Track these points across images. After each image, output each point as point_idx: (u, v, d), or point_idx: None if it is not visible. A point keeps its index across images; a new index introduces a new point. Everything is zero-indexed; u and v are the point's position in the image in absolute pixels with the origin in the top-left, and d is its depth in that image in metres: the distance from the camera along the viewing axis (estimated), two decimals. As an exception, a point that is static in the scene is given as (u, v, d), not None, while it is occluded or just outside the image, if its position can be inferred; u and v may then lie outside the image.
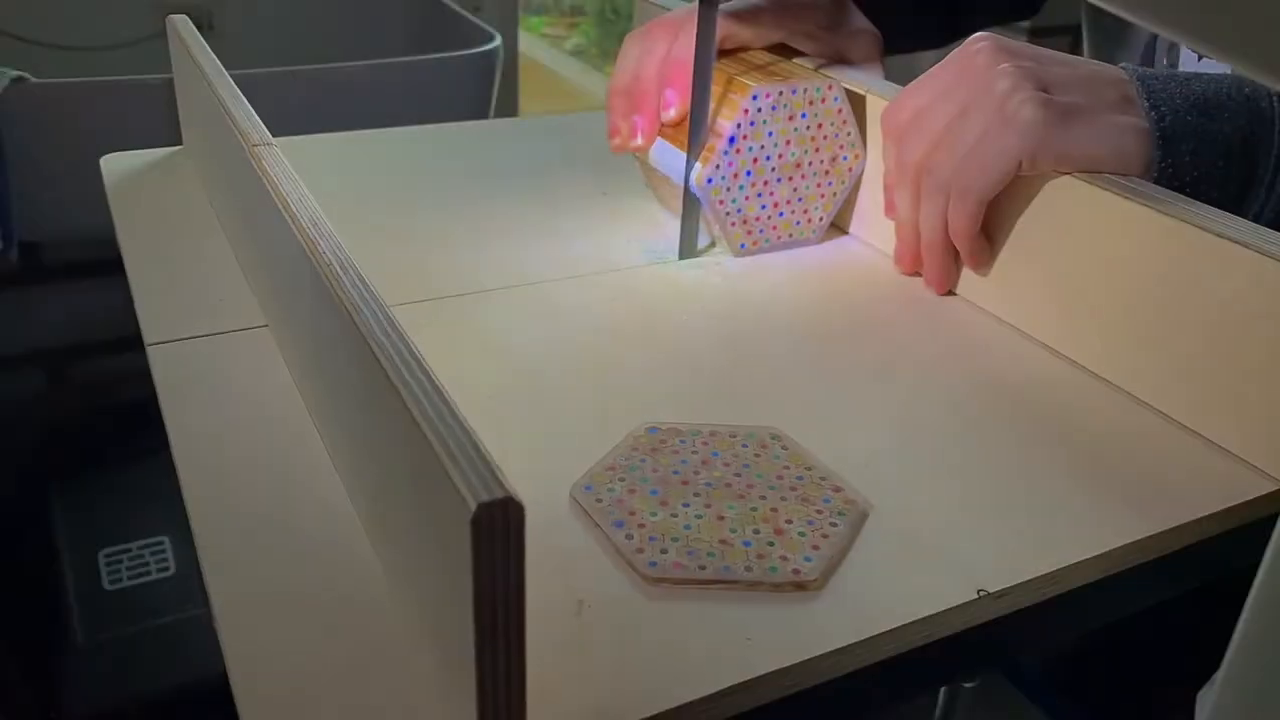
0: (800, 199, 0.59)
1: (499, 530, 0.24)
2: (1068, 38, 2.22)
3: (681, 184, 0.57)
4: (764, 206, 0.58)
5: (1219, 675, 0.26)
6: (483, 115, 1.12)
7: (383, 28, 1.43)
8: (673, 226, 0.61)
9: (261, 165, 0.43)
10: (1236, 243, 0.41)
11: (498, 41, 1.10)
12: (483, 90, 1.10)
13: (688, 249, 0.58)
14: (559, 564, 0.35)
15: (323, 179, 0.65)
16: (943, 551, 0.37)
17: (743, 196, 0.57)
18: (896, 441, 0.43)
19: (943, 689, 0.57)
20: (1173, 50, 0.62)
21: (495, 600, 0.25)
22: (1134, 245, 0.46)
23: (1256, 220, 0.48)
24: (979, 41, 0.50)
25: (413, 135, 0.73)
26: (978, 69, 0.49)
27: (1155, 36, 0.63)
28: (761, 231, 0.59)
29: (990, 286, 0.53)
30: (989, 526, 0.38)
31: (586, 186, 0.66)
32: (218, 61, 0.56)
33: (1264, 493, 0.41)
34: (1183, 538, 0.39)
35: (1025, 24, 2.11)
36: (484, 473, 0.25)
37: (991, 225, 0.52)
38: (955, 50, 0.51)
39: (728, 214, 0.57)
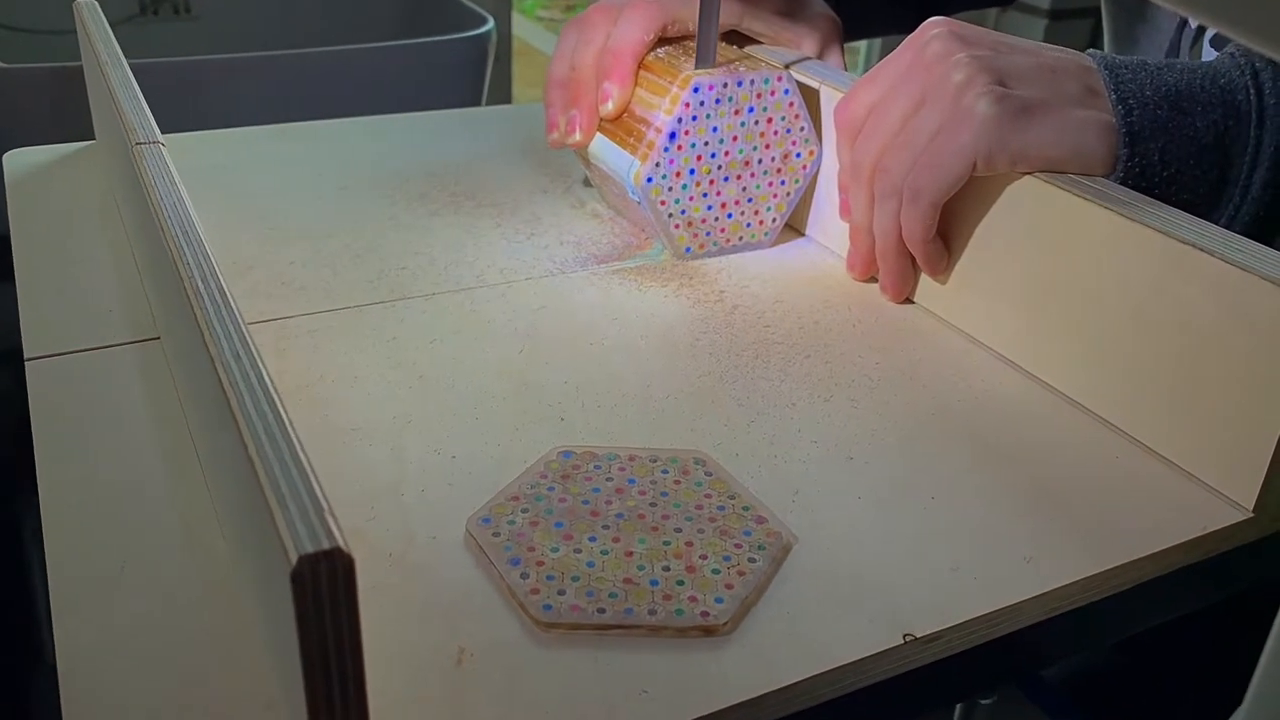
0: (750, 199, 0.57)
1: (325, 587, 0.23)
2: (1089, 20, 2.20)
3: (623, 182, 0.55)
4: (710, 207, 0.56)
5: (1246, 699, 0.25)
6: (475, 102, 1.11)
7: (369, 10, 1.41)
8: (618, 227, 0.60)
9: (141, 165, 0.41)
10: (1201, 250, 0.40)
11: (490, 25, 1.08)
12: (475, 76, 1.08)
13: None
14: (444, 608, 0.33)
15: (252, 175, 0.63)
16: (870, 590, 0.35)
17: (686, 196, 0.55)
18: (832, 467, 0.41)
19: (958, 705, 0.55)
20: (1197, 43, 0.61)
21: (327, 662, 0.23)
22: (1095, 251, 0.44)
23: (1230, 223, 0.47)
24: (933, 28, 0.48)
25: (358, 126, 0.72)
26: (931, 59, 0.47)
27: (1182, 18, 0.61)
28: (708, 234, 0.57)
29: (947, 294, 0.52)
30: (924, 562, 0.37)
31: (540, 180, 0.65)
32: (118, 49, 0.54)
33: (1231, 523, 0.40)
34: (1139, 573, 0.38)
35: (1045, 4, 2.10)
36: (313, 520, 0.23)
37: (949, 228, 0.50)
38: (909, 38, 0.50)
39: (670, 215, 0.56)
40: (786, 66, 0.57)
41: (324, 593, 0.23)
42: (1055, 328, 0.46)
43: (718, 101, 0.54)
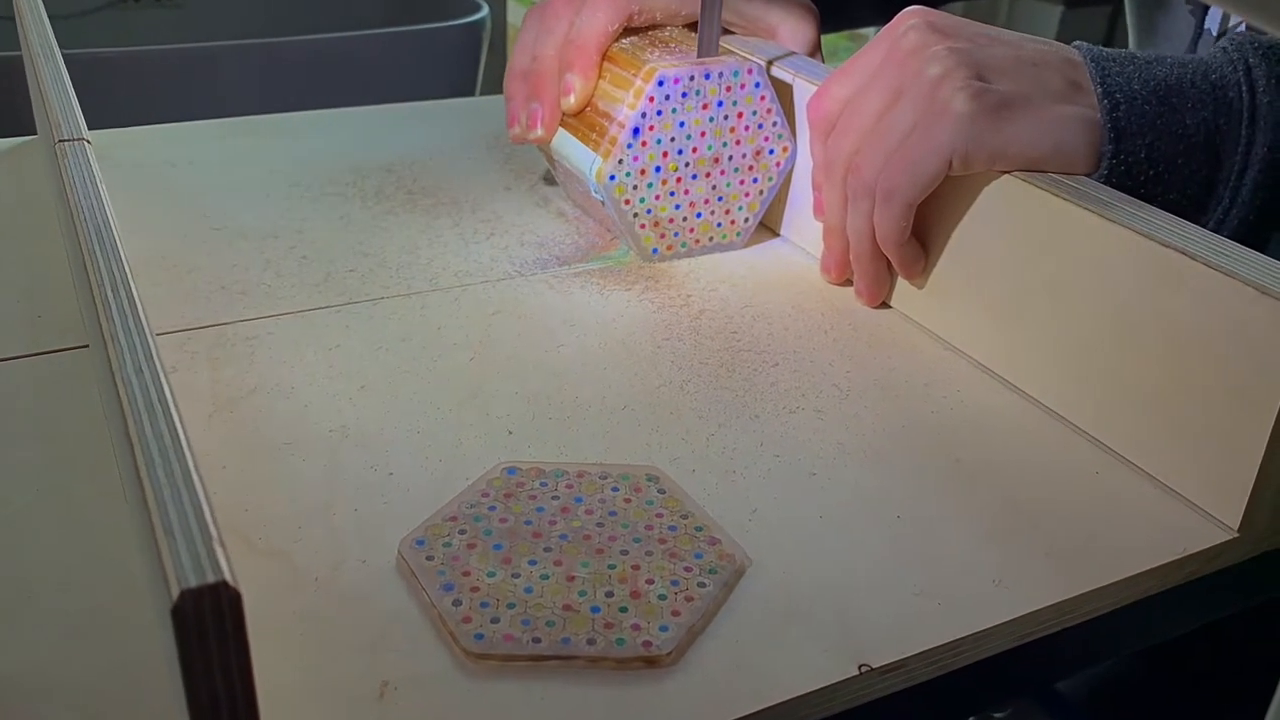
0: (721, 198, 0.56)
1: (210, 623, 0.22)
2: (1105, 9, 2.19)
3: (586, 179, 0.55)
4: (678, 206, 0.56)
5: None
6: (469, 91, 1.10)
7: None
8: (583, 226, 0.59)
9: (63, 164, 0.41)
10: (1185, 254, 0.39)
11: (485, 11, 1.08)
12: (468, 64, 1.08)
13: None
14: (369, 637, 0.33)
15: (203, 171, 0.62)
16: (827, 616, 0.34)
17: (652, 195, 0.55)
18: (794, 483, 0.40)
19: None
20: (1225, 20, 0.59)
21: (216, 704, 0.22)
22: (1075, 254, 0.43)
23: (1219, 226, 0.46)
24: (909, 19, 0.48)
25: (317, 120, 0.71)
26: (907, 51, 0.47)
27: (1201, 7, 0.60)
28: (676, 234, 0.56)
29: (923, 298, 0.51)
30: (886, 586, 0.36)
31: (504, 177, 0.64)
32: (52, 40, 0.53)
33: (1215, 543, 0.39)
34: (1116, 598, 0.37)
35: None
36: (200, 550, 0.22)
37: (926, 229, 0.49)
38: (884, 29, 0.49)
39: (635, 215, 0.55)
40: (758, 58, 0.56)
41: (209, 629, 0.22)
42: (1034, 335, 0.46)
43: (684, 95, 0.53)
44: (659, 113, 0.53)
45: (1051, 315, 0.45)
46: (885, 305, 0.53)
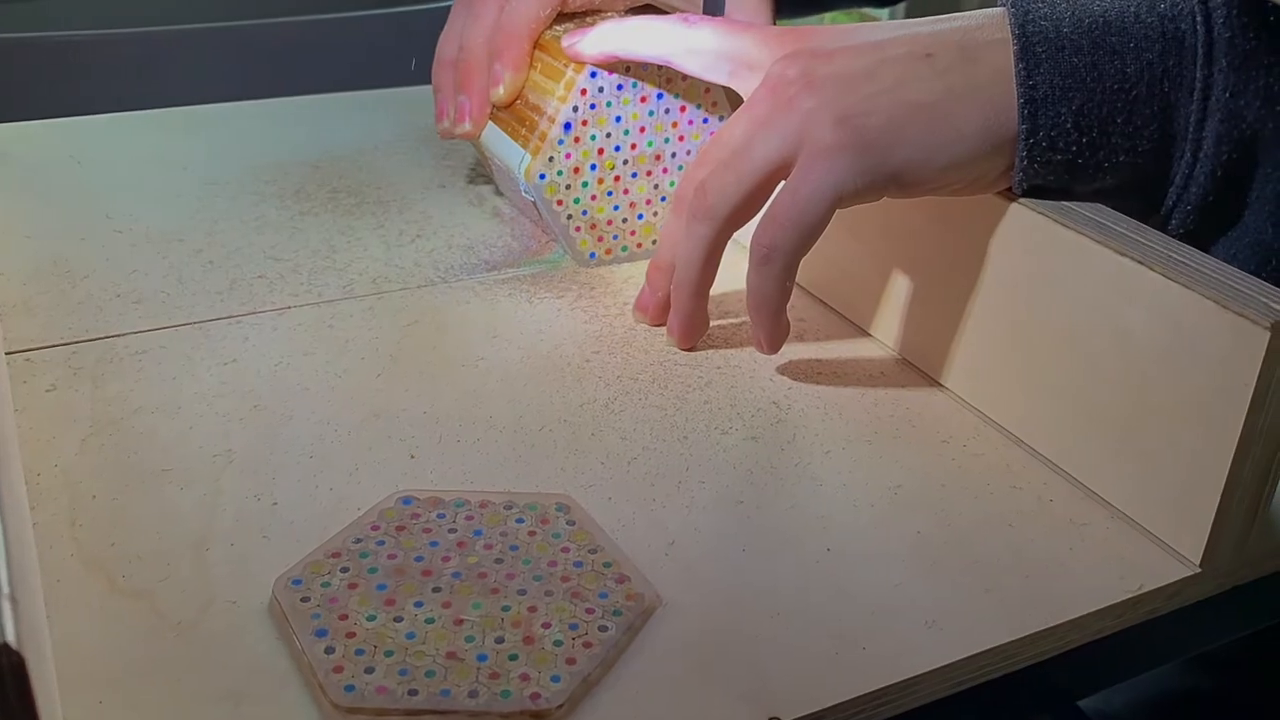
0: (665, 198, 0.55)
1: (-15, 692, 0.20)
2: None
3: (516, 178, 0.53)
4: (617, 207, 0.54)
5: None
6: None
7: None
8: (519, 228, 0.58)
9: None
10: (1139, 262, 0.38)
11: None
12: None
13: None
14: (229, 688, 0.31)
15: (112, 168, 0.61)
16: (739, 663, 0.33)
17: (588, 195, 0.53)
18: (719, 512, 0.39)
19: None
20: None
21: (0, 781, 0.21)
22: (1024, 263, 0.42)
23: (1184, 191, 0.42)
24: (788, 48, 0.45)
25: (242, 111, 0.70)
26: (775, 83, 0.43)
27: None
28: (615, 238, 0.55)
29: (866, 306, 0.49)
30: (808, 627, 0.34)
31: (438, 174, 0.62)
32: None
33: (1174, 579, 0.37)
34: (1063, 641, 0.36)
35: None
36: (-19, 610, 0.21)
37: (862, 242, 0.48)
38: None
39: (569, 217, 0.53)
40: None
41: (-14, 700, 0.21)
42: (981, 347, 0.44)
43: (619, 88, 0.52)
44: (592, 106, 0.51)
45: (1000, 326, 0.43)
46: (838, 313, 0.51)
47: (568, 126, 0.51)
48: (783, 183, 0.42)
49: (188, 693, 0.31)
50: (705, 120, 0.54)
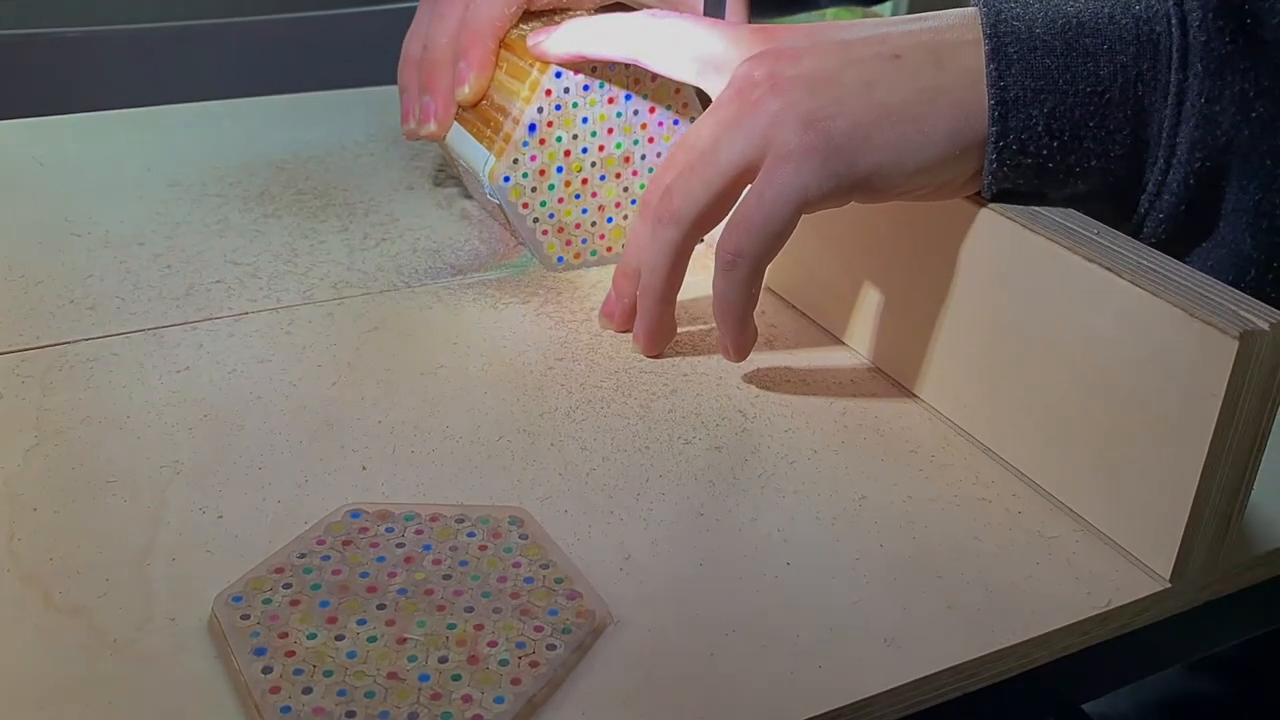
0: (634, 200, 0.55)
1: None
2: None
3: (480, 180, 0.53)
4: (585, 210, 0.54)
5: None
6: None
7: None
8: (487, 231, 0.57)
9: None
10: (1110, 270, 0.37)
11: None
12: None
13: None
14: (162, 709, 0.31)
15: (73, 170, 0.61)
16: (690, 682, 0.32)
17: (555, 198, 0.53)
18: (678, 525, 0.38)
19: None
20: None
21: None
22: (994, 270, 0.41)
23: (1156, 199, 0.41)
24: (756, 48, 0.44)
25: (209, 112, 0.69)
26: (741, 84, 0.43)
27: None
28: (584, 241, 0.54)
29: (839, 315, 0.49)
30: (762, 645, 0.34)
31: (407, 175, 0.62)
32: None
33: (1144, 594, 0.37)
34: (1027, 659, 0.35)
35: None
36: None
37: (831, 247, 0.48)
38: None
39: (536, 220, 0.53)
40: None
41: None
42: (949, 354, 0.44)
43: (585, 88, 0.51)
44: (558, 107, 0.51)
45: (970, 333, 0.43)
46: (810, 318, 0.51)
47: (532, 128, 0.51)
48: (749, 186, 0.42)
49: (121, 714, 0.30)
50: (675, 121, 0.54)
